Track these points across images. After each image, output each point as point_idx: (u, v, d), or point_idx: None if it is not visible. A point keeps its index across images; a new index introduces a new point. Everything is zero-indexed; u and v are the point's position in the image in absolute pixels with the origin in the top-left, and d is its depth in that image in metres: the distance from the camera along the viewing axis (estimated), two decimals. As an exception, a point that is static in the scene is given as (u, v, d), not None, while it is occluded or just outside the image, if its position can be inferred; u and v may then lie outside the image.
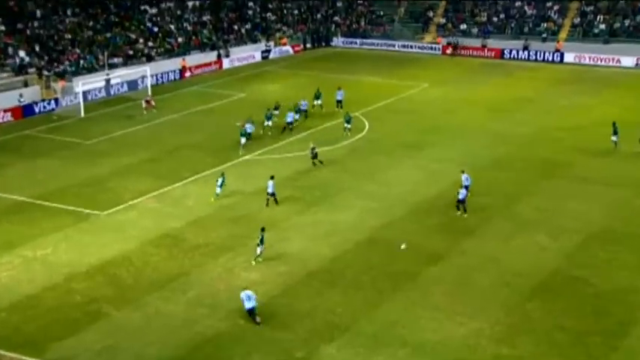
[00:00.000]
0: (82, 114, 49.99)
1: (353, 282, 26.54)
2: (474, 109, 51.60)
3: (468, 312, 24.46)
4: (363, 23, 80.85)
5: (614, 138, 40.96)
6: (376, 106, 52.49)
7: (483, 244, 29.56)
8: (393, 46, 77.06)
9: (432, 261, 28.06)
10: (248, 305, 23.83)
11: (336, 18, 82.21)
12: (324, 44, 79.16)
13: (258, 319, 23.83)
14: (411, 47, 76.24)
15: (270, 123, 44.69)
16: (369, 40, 78.57)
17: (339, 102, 50.72)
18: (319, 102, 50.08)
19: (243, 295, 24.02)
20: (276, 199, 33.57)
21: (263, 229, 28.38)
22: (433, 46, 75.43)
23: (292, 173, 37.50)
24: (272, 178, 33.70)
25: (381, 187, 36.11)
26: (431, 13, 79.87)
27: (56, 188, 35.64)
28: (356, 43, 78.78)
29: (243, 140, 40.85)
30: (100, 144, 43.28)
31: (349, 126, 44.04)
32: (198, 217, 32.43)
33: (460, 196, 32.22)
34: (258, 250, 27.83)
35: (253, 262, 27.81)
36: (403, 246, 28.79)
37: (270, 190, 33.52)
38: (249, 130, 42.04)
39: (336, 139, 43.82)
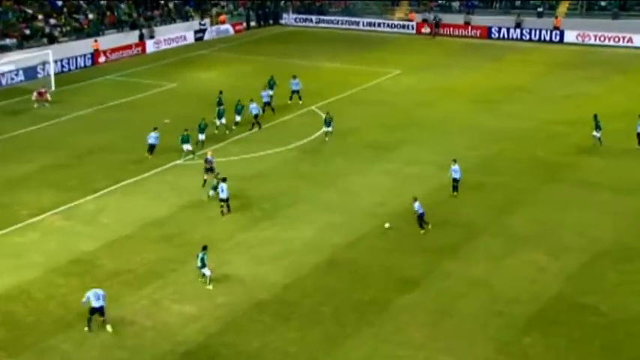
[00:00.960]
0: (-34, 110, 49.23)
1: (310, 314, 26.66)
2: (456, 101, 52.39)
3: (452, 348, 24.79)
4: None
5: (596, 134, 42.06)
6: (337, 97, 52.91)
7: (470, 265, 30.01)
8: (357, 24, 77.88)
9: (407, 287, 28.36)
10: (96, 304, 25.15)
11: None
12: (271, 22, 79.62)
13: (108, 327, 25.26)
14: (379, 25, 77.13)
15: (239, 118, 45.09)
16: (327, 17, 79.30)
17: (294, 92, 51.11)
18: (270, 93, 50.27)
19: (90, 293, 25.33)
20: (229, 206, 34.08)
21: (205, 248, 28.61)
22: (406, 23, 76.42)
23: (235, 181, 37.45)
24: (224, 180, 34.26)
25: (344, 196, 36.37)
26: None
27: None
28: (311, 20, 79.41)
29: (186, 147, 40.45)
30: (-11, 147, 42.64)
31: (330, 129, 43.46)
32: (117, 237, 32.21)
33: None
34: (207, 272, 28.20)
35: (210, 287, 28.06)
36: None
37: (224, 195, 33.96)
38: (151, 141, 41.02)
39: (287, 138, 44.03)
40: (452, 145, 42.85)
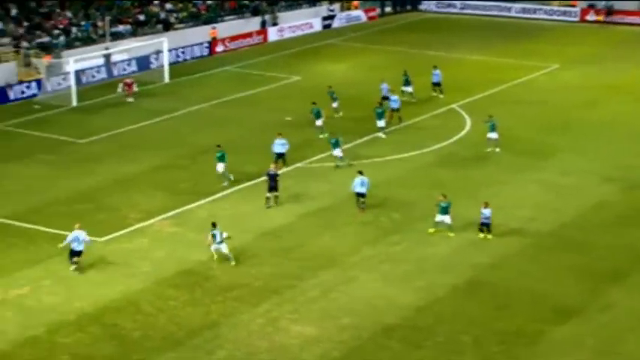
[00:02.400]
0: (74, 102, 51.58)
1: (447, 343, 26.50)
2: (624, 101, 50.98)
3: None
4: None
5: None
6: (482, 95, 52.44)
7: (639, 296, 29.18)
8: (509, 10, 76.94)
9: (561, 317, 27.81)
10: (78, 247, 30.08)
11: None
12: (409, 8, 79.62)
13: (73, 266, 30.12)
14: (535, 12, 75.97)
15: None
16: (473, 3, 78.63)
17: (436, 85, 51.17)
18: (409, 89, 50.46)
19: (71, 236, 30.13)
20: (364, 203, 35.39)
21: (214, 225, 31.33)
22: (568, 9, 74.87)
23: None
24: (361, 173, 35.61)
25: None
26: (565, -36, 79.40)
27: (36, 204, 36.77)
28: (455, 6, 79.04)
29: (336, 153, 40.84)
30: (97, 144, 44.51)
31: (495, 136, 42.39)
32: (231, 246, 32.91)
33: None
34: (213, 248, 31.25)
35: (233, 263, 31.03)
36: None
37: (361, 190, 35.19)
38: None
39: (423, 140, 43.97)
40: (618, 153, 41.72)
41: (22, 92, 52.89)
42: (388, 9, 78.72)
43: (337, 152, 40.60)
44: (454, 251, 32.42)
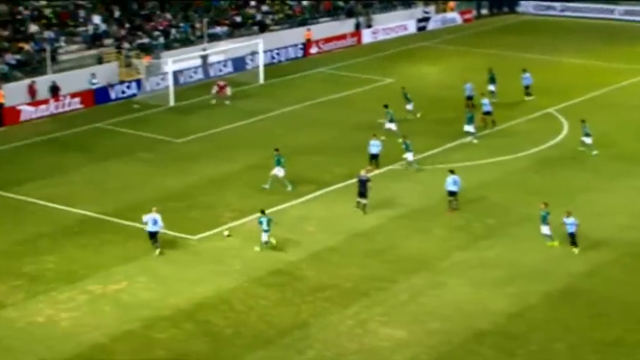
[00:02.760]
0: (172, 102, 52.58)
1: (541, 352, 26.11)
2: None
3: None
4: (566, -21, 79.78)
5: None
6: (581, 99, 51.54)
7: None
8: (611, 12, 75.26)
9: (659, 328, 27.14)
10: (152, 228, 31.97)
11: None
12: (506, 9, 78.66)
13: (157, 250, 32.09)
14: None
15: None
16: (574, 4, 77.17)
17: (527, 88, 50.65)
18: (492, 88, 50.05)
19: (148, 217, 32.07)
20: (456, 202, 35.61)
21: (263, 212, 32.73)
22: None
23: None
24: (452, 172, 35.76)
25: (583, 217, 35.14)
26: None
27: (134, 202, 37.57)
28: (554, 8, 77.75)
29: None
30: (193, 143, 45.30)
31: (589, 141, 42.09)
32: (322, 247, 33.14)
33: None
34: (264, 237, 32.40)
35: (257, 248, 32.30)
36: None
37: (452, 188, 35.42)
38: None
39: (518, 145, 43.41)
40: None
41: (123, 92, 54.14)
42: (484, 11, 77.94)
43: (409, 156, 40.43)
44: (548, 258, 31.93)
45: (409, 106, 47.71)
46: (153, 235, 32.70)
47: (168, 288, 30.26)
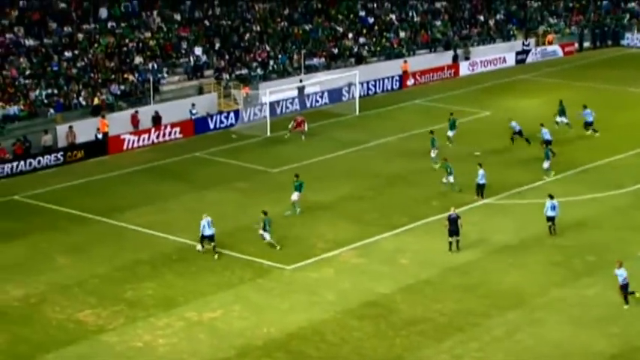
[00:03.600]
0: (269, 132, 53.09)
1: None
2: None
3: None
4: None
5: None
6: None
7: None
8: None
9: None
10: (208, 232, 33.96)
11: (632, 4, 79.63)
12: (610, 43, 77.01)
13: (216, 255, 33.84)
14: None
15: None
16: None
17: (588, 124, 50.25)
18: (564, 120, 49.11)
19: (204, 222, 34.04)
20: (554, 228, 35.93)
21: (265, 213, 35.07)
22: None
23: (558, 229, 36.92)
24: (551, 197, 36.21)
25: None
26: None
27: (230, 230, 37.93)
28: (661, 41, 75.67)
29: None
30: (287, 173, 45.51)
31: None
32: (416, 280, 32.88)
33: None
34: (266, 236, 34.77)
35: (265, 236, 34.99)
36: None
37: (551, 214, 35.95)
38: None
39: (619, 180, 42.41)
40: None
41: (221, 122, 54.92)
42: (587, 44, 76.36)
43: (450, 179, 41.04)
44: (650, 297, 31.00)
45: (450, 133, 48.27)
46: (210, 238, 34.38)
47: (262, 317, 30.43)
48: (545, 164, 43.30)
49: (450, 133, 49.45)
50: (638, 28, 76.46)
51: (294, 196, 39.33)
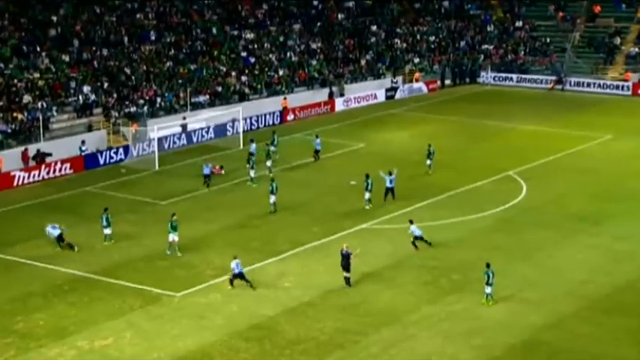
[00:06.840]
0: (157, 166, 52.52)
1: (504, 401, 26.03)
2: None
3: None
4: (522, 53, 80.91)
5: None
6: (537, 162, 51.97)
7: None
8: (563, 83, 76.38)
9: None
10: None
11: (486, 46, 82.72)
12: (468, 80, 79.71)
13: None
14: (589, 85, 75.30)
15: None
16: (529, 76, 78.41)
17: (317, 152, 52.00)
18: (428, 162, 49.88)
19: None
20: (427, 241, 37.58)
21: (106, 210, 37.49)
22: (620, 84, 74.10)
23: (422, 249, 37.58)
24: (411, 222, 37.85)
25: (543, 272, 35.45)
26: (618, 40, 78.78)
27: (120, 261, 37.42)
28: (511, 79, 78.80)
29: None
30: (176, 205, 45.11)
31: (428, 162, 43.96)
32: (297, 303, 32.99)
33: None
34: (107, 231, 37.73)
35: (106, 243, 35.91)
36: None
37: (418, 233, 37.46)
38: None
39: (480, 205, 43.70)
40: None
41: (111, 157, 54.06)
42: (448, 81, 78.91)
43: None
44: (511, 312, 31.94)
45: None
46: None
47: (152, 343, 29.95)
48: (367, 195, 43.54)
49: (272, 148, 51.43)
50: (491, 68, 79.42)
51: (172, 237, 38.22)
